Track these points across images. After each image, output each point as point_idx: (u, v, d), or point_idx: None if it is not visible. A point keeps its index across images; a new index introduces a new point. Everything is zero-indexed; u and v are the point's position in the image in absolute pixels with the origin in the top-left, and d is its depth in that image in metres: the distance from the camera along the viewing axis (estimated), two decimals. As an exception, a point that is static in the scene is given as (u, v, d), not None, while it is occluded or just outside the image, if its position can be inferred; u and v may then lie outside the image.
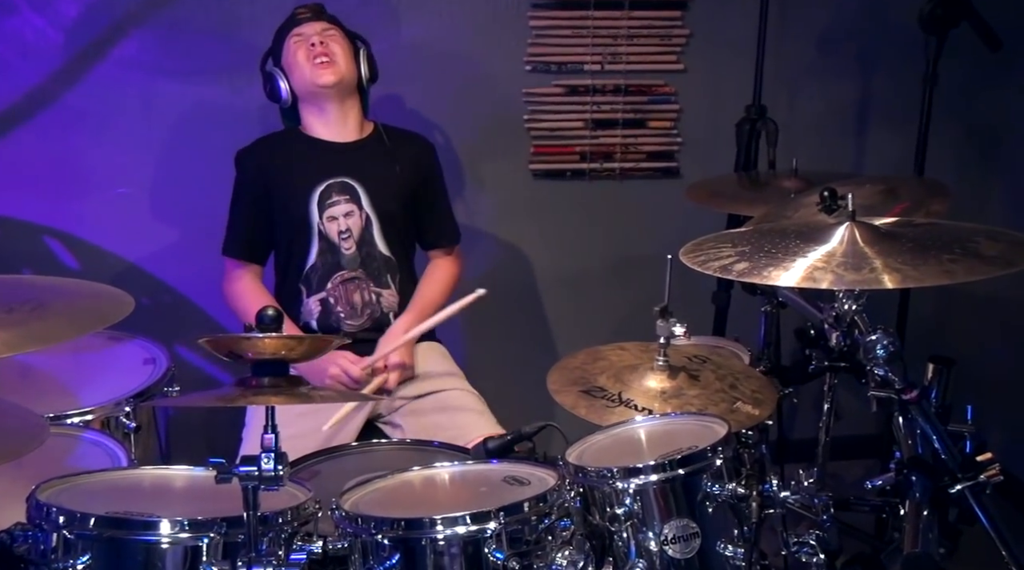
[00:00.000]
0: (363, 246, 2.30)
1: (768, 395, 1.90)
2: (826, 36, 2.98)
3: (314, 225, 2.28)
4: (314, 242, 2.29)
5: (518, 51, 2.85)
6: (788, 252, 1.66)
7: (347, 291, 2.30)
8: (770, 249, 1.68)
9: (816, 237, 1.71)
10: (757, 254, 1.67)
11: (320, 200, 2.28)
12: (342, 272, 2.30)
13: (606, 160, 2.96)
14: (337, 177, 2.29)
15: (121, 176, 2.73)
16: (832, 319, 1.94)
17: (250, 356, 1.35)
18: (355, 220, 2.29)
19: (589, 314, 3.05)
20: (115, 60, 2.65)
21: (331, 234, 2.28)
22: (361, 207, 2.30)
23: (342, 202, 2.29)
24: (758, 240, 1.74)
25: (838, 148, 3.06)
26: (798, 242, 1.69)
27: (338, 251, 2.29)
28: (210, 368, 2.84)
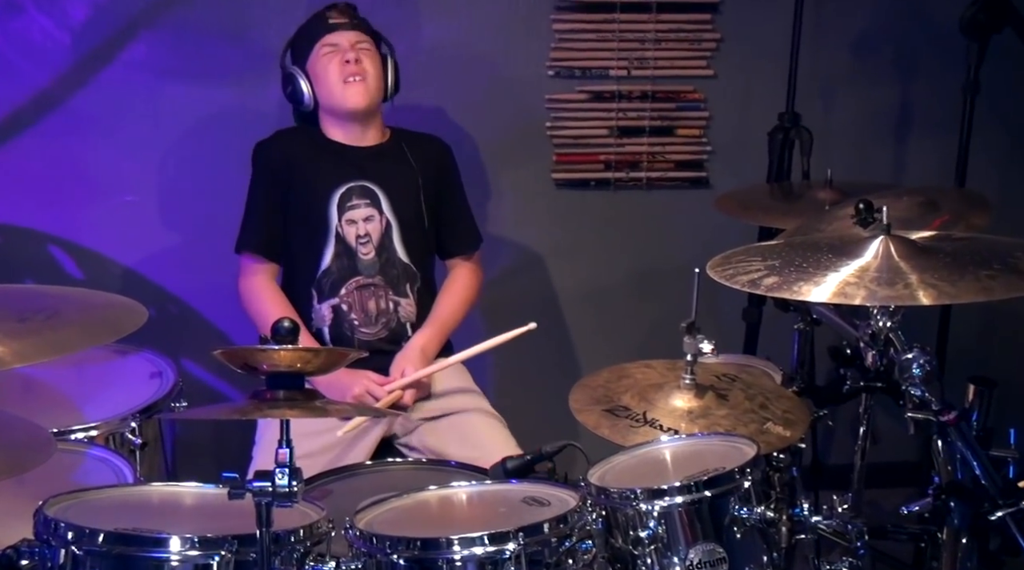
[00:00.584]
0: (382, 252, 2.34)
1: (800, 416, 1.92)
2: (863, 41, 3.00)
3: (332, 227, 2.31)
4: (330, 245, 2.32)
5: (540, 55, 2.88)
6: (820, 266, 1.68)
7: (362, 298, 2.32)
8: (801, 263, 1.70)
9: (849, 251, 1.73)
10: (787, 268, 1.69)
11: (340, 202, 2.32)
12: (358, 277, 2.33)
13: (632, 169, 2.99)
14: (358, 181, 2.33)
15: (128, 183, 2.78)
16: (867, 337, 1.95)
17: (265, 368, 1.38)
18: (375, 225, 2.33)
19: (613, 330, 3.07)
20: (123, 62, 2.70)
21: (349, 238, 2.32)
22: (382, 212, 2.33)
23: (362, 206, 2.33)
24: (789, 253, 1.77)
25: (875, 158, 3.07)
26: (830, 256, 1.72)
27: (355, 256, 2.32)
28: (218, 383, 2.89)
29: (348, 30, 2.31)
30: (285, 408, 1.37)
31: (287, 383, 1.39)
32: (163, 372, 2.26)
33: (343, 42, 2.30)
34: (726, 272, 1.72)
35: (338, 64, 2.28)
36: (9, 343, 1.40)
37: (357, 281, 2.33)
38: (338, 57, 2.29)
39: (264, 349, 1.37)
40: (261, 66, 2.71)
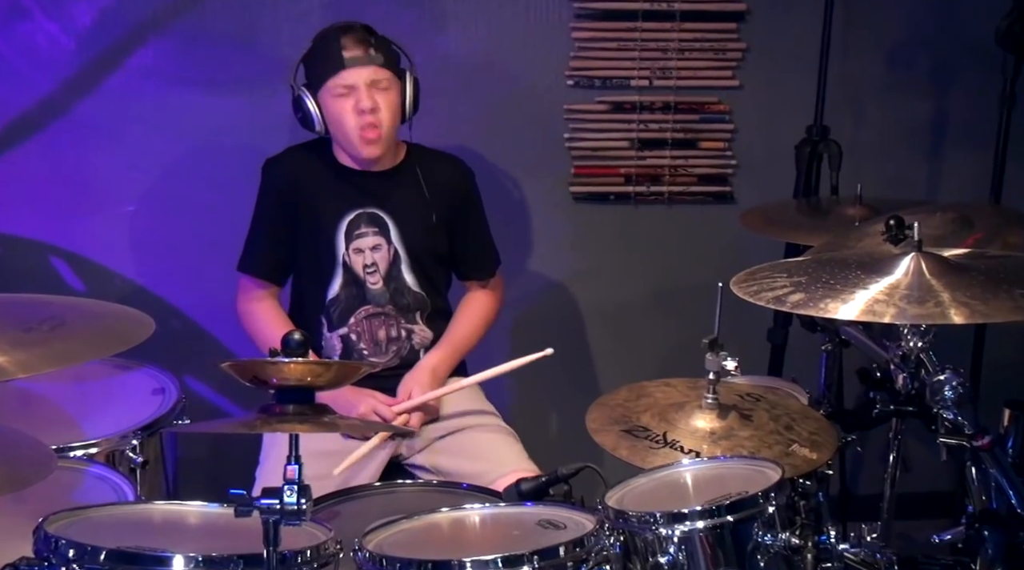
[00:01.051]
0: (391, 282, 2.34)
1: (828, 438, 1.92)
2: (895, 51, 3.01)
3: (339, 256, 2.31)
4: (337, 273, 2.32)
5: (559, 64, 2.89)
6: (848, 283, 1.69)
7: (371, 327, 2.34)
8: (828, 280, 1.71)
9: (879, 268, 1.74)
10: (814, 285, 1.70)
11: (348, 230, 2.31)
12: (367, 306, 2.34)
13: (653, 183, 3.00)
14: (366, 208, 2.32)
15: (132, 192, 2.81)
16: (898, 359, 1.97)
17: (274, 382, 1.40)
18: (382, 254, 2.33)
19: (632, 348, 3.08)
20: (130, 69, 2.74)
21: (356, 267, 2.32)
22: (390, 241, 2.33)
23: (370, 235, 2.32)
24: (816, 270, 1.78)
25: (907, 173, 3.07)
26: (859, 273, 1.73)
27: (363, 285, 2.32)
28: (222, 401, 2.91)
29: (363, 66, 2.21)
30: (295, 422, 1.39)
31: (297, 397, 1.41)
32: (165, 388, 2.29)
33: (358, 82, 2.21)
34: (750, 288, 1.73)
35: (352, 111, 2.22)
36: (14, 353, 1.42)
37: (367, 310, 2.34)
38: (352, 102, 2.21)
39: (274, 362, 1.39)
40: (271, 74, 2.73)
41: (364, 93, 2.21)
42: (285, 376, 1.40)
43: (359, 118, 2.22)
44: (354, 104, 2.22)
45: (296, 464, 1.39)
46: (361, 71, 2.22)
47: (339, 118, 2.24)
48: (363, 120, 2.22)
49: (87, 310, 1.67)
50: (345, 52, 2.22)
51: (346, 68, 2.21)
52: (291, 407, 1.41)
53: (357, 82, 2.21)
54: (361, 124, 2.22)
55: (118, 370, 2.34)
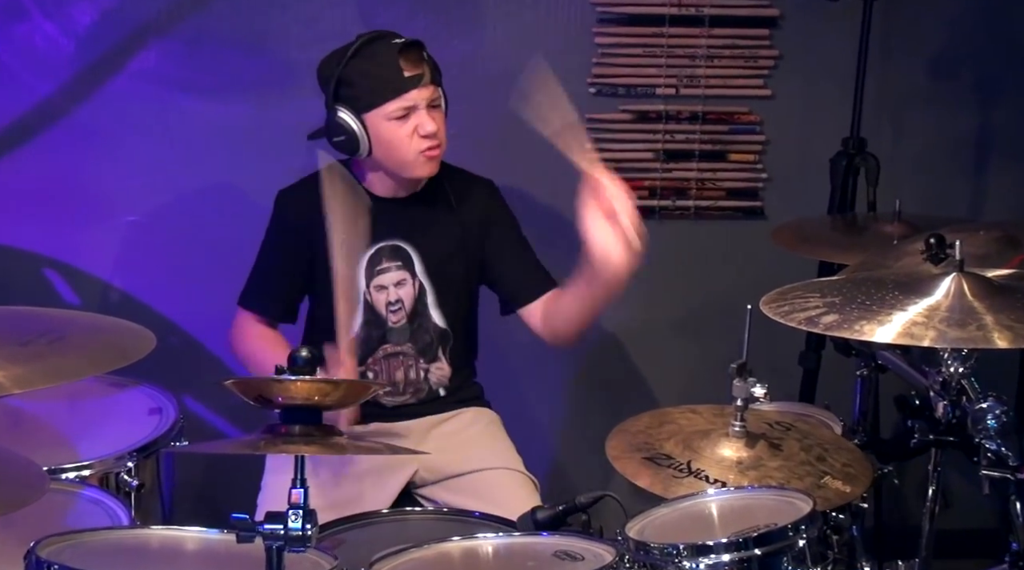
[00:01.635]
0: (415, 319, 2.31)
1: (862, 470, 1.92)
2: (938, 59, 3.01)
3: (359, 294, 2.28)
4: (357, 313, 2.28)
5: (581, 71, 2.90)
6: (885, 304, 1.69)
7: (390, 367, 2.32)
8: (864, 300, 1.71)
9: (918, 289, 1.74)
10: (849, 305, 1.70)
11: (369, 266, 2.28)
12: (385, 346, 2.32)
13: (679, 197, 3.01)
14: (389, 240, 2.28)
15: (132, 202, 2.82)
16: (938, 385, 1.96)
17: (280, 400, 1.42)
18: (407, 290, 2.29)
19: (656, 372, 3.08)
20: (132, 73, 2.75)
21: (378, 305, 2.29)
22: (415, 275, 2.30)
23: (393, 269, 2.29)
24: (851, 290, 1.78)
25: (949, 189, 3.07)
26: (897, 294, 1.73)
27: (384, 324, 2.29)
28: (222, 422, 2.92)
29: (424, 86, 2.18)
30: (301, 444, 1.40)
31: (303, 417, 1.42)
32: (163, 408, 2.29)
33: (419, 103, 2.18)
34: (781, 308, 1.74)
35: (411, 134, 2.18)
36: (10, 368, 1.43)
37: (385, 350, 2.32)
38: (412, 125, 2.18)
39: (280, 380, 1.40)
40: (281, 79, 2.77)
41: (426, 115, 2.18)
42: (291, 395, 1.41)
43: (421, 142, 2.18)
44: (414, 127, 2.18)
45: (302, 488, 1.40)
46: (423, 92, 2.18)
47: (394, 141, 2.19)
48: (426, 144, 2.18)
49: (86, 324, 1.68)
50: (406, 72, 2.17)
51: (408, 90, 2.17)
52: (297, 427, 1.42)
53: (418, 102, 2.18)
54: (422, 148, 2.19)
55: (113, 388, 2.35)
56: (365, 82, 2.19)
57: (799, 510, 1.67)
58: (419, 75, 2.19)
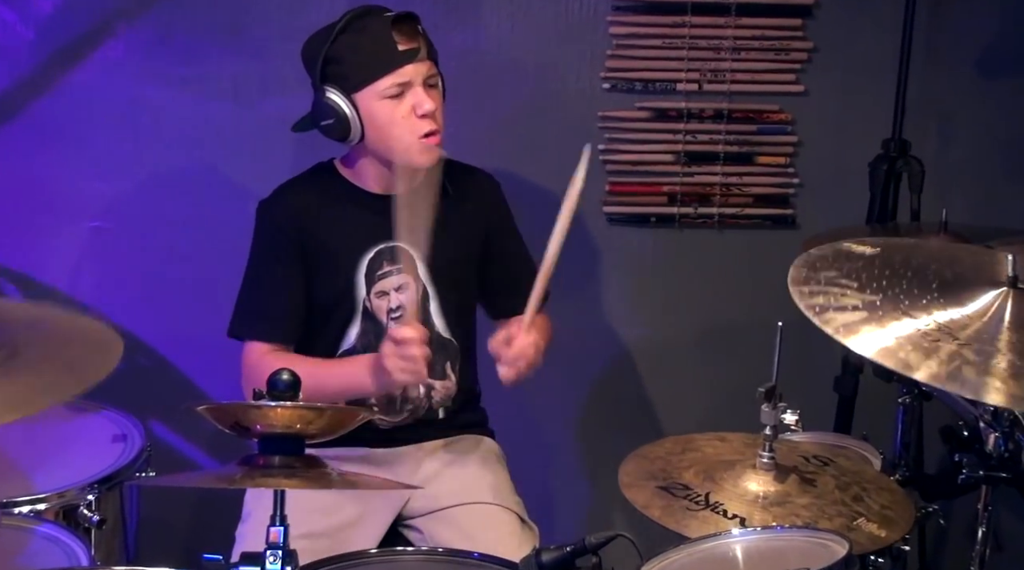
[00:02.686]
0: None
1: (902, 514, 1.91)
2: (988, 55, 3.01)
3: (359, 301, 2.28)
4: (356, 322, 2.29)
5: (594, 64, 2.91)
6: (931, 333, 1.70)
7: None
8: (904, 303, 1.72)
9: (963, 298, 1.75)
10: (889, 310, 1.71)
11: (369, 270, 2.28)
12: None
13: (702, 204, 3.01)
14: (389, 241, 2.28)
15: (97, 206, 2.82)
16: (989, 415, 1.96)
17: (259, 429, 1.41)
18: (409, 295, 2.29)
19: (676, 395, 3.08)
20: (98, 64, 2.75)
21: (378, 313, 2.29)
22: (417, 277, 2.30)
23: (394, 273, 2.29)
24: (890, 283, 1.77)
25: (1000, 198, 3.07)
26: (940, 299, 1.74)
27: (384, 333, 2.28)
28: (193, 451, 2.92)
29: (420, 61, 2.19)
30: (281, 477, 1.39)
31: (284, 447, 1.41)
32: (128, 435, 2.30)
33: (415, 79, 2.19)
34: (814, 299, 1.73)
35: (408, 115, 2.19)
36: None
37: None
38: (407, 104, 2.18)
39: (258, 406, 1.40)
40: (260, 70, 2.77)
41: (422, 93, 2.19)
42: (271, 422, 1.40)
43: (417, 123, 2.19)
44: (411, 106, 2.18)
45: (281, 526, 1.39)
46: (419, 67, 2.19)
47: (388, 122, 2.20)
48: (423, 126, 2.19)
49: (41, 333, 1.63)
50: (400, 45, 2.18)
51: (402, 65, 2.18)
52: (277, 459, 1.41)
53: (413, 79, 2.19)
54: (419, 130, 2.19)
55: (73, 413, 2.35)
56: (355, 58, 2.20)
57: (833, 553, 1.65)
58: (415, 49, 2.19)
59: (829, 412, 2.86)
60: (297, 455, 1.43)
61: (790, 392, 1.92)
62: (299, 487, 1.41)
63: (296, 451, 1.43)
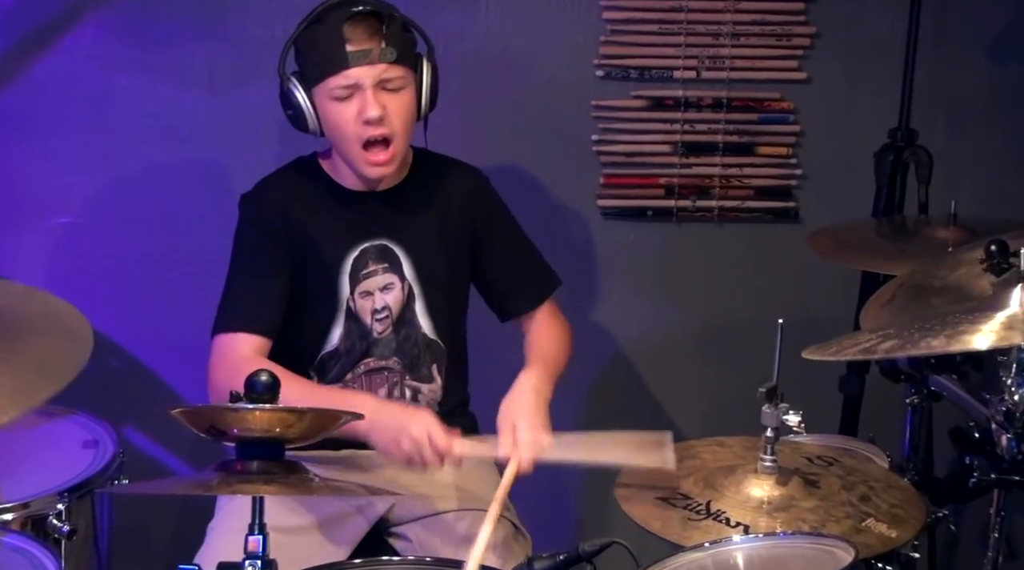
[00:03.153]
0: (402, 328, 2.31)
1: (913, 512, 1.91)
2: (1001, 37, 3.01)
3: (343, 302, 2.29)
4: (339, 323, 2.29)
5: (587, 51, 2.91)
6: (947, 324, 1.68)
7: (372, 384, 2.32)
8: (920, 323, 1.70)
9: (978, 304, 1.74)
10: (906, 331, 1.69)
11: (354, 270, 2.29)
12: (368, 360, 2.32)
13: (701, 196, 3.01)
14: (375, 239, 2.29)
15: (66, 202, 2.82)
16: (1001, 416, 1.95)
17: (236, 432, 1.40)
18: (395, 294, 2.30)
19: (674, 397, 3.08)
20: (65, 52, 2.74)
21: (363, 314, 2.30)
22: (403, 277, 2.31)
23: (380, 272, 2.30)
24: (901, 312, 1.80)
25: (1012, 189, 3.07)
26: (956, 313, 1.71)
27: (368, 334, 2.29)
28: (168, 457, 2.91)
29: (371, 63, 2.16)
30: (260, 483, 1.39)
31: (263, 452, 1.41)
32: (99, 441, 2.28)
33: (364, 81, 2.17)
34: (829, 350, 1.72)
35: (355, 119, 2.18)
36: None
37: (367, 364, 2.32)
38: (355, 108, 2.18)
39: (235, 408, 1.39)
40: (237, 59, 2.77)
41: (371, 99, 2.17)
42: (249, 426, 1.40)
43: (362, 128, 2.19)
44: (357, 111, 2.19)
45: (260, 534, 1.38)
46: (368, 71, 2.17)
47: (336, 123, 2.21)
48: (367, 131, 2.19)
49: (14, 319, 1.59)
50: (349, 45, 2.16)
51: (349, 67, 2.17)
52: (255, 464, 1.40)
53: (362, 81, 2.18)
54: (364, 135, 2.19)
55: (42, 417, 2.34)
56: (311, 53, 2.22)
57: (839, 561, 1.66)
58: (366, 50, 2.18)
59: (834, 414, 2.87)
60: (276, 460, 1.42)
61: (793, 393, 1.92)
62: (278, 493, 1.40)
63: (275, 456, 1.42)
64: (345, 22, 2.17)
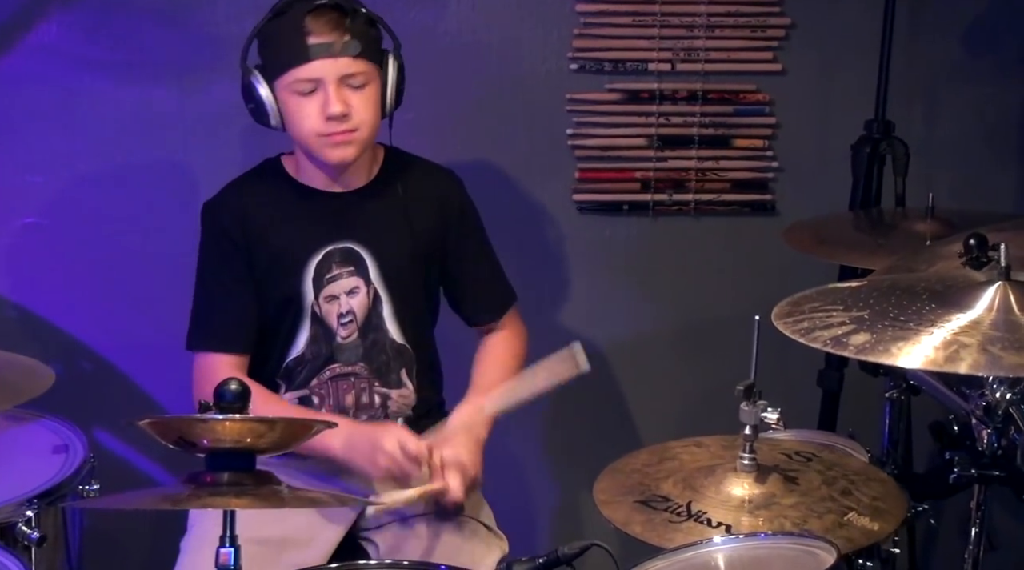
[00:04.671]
0: (368, 333, 2.30)
1: (894, 504, 1.91)
2: (976, 29, 3.02)
3: (307, 307, 2.27)
4: (304, 328, 2.28)
5: (560, 44, 2.90)
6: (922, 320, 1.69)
7: (338, 390, 2.30)
8: (896, 314, 1.71)
9: (956, 300, 1.73)
10: (879, 322, 1.70)
11: (317, 273, 2.27)
12: (334, 366, 2.30)
13: (677, 190, 3.00)
14: (340, 242, 2.27)
15: (30, 201, 2.79)
16: (981, 411, 1.96)
17: (206, 444, 1.39)
18: (360, 299, 2.29)
19: (652, 396, 3.07)
20: (29, 50, 2.72)
21: (328, 318, 2.28)
22: (368, 281, 2.29)
23: (344, 276, 2.28)
24: (878, 301, 1.76)
25: (991, 180, 3.08)
26: (933, 307, 1.72)
27: (333, 339, 2.28)
28: (142, 461, 2.89)
29: (334, 57, 2.15)
30: (230, 496, 1.38)
31: (234, 463, 1.39)
32: (70, 445, 2.26)
33: (326, 77, 2.15)
34: (799, 325, 1.72)
35: (317, 114, 2.17)
36: None
37: (332, 370, 2.31)
38: (317, 103, 2.17)
39: (204, 419, 1.38)
40: (208, 55, 2.74)
41: (333, 94, 2.16)
42: (219, 436, 1.38)
43: (324, 124, 2.17)
44: (319, 107, 2.17)
45: (232, 547, 1.37)
46: (330, 64, 2.16)
47: (298, 117, 2.19)
48: (329, 127, 2.17)
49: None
50: (310, 38, 2.15)
51: (310, 60, 2.15)
52: (226, 476, 1.39)
53: (324, 76, 2.16)
54: (326, 130, 2.18)
55: (9, 422, 2.32)
56: (273, 45, 2.21)
57: (821, 562, 1.65)
58: (327, 43, 2.16)
59: (813, 409, 2.87)
60: (248, 471, 1.41)
61: (772, 388, 1.91)
62: (249, 506, 1.39)
63: (246, 467, 1.41)
64: (307, 14, 2.16)
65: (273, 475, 1.46)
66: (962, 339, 1.65)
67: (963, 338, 1.65)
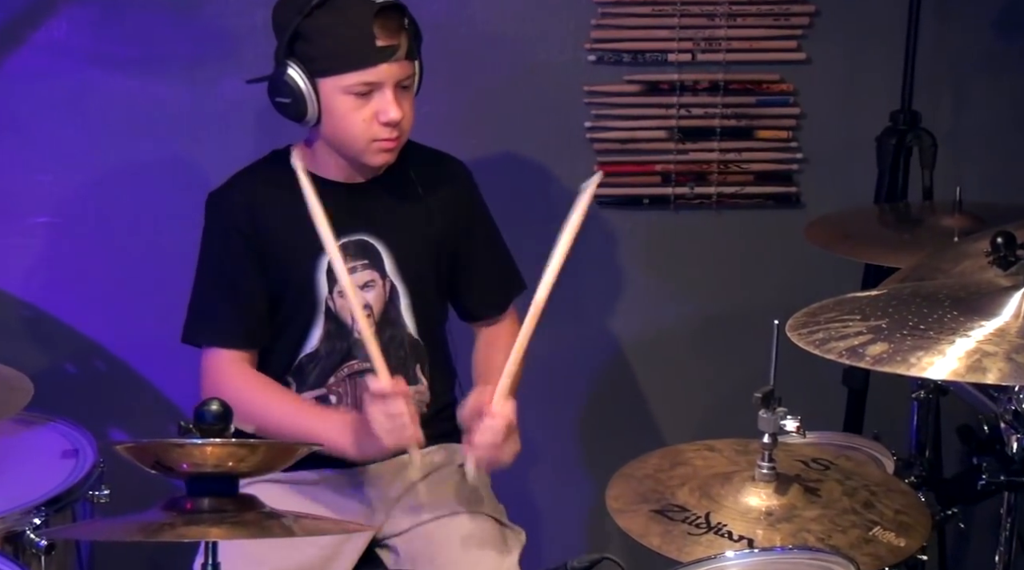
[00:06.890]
0: (385, 328, 2.26)
1: (919, 518, 1.88)
2: (1006, 16, 2.99)
3: (321, 300, 2.25)
4: (318, 323, 2.25)
5: (579, 35, 2.88)
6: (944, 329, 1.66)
7: (356, 388, 2.26)
8: (916, 323, 1.68)
9: (980, 306, 1.70)
10: (899, 331, 1.66)
11: (331, 267, 2.22)
12: (351, 362, 2.27)
13: (698, 182, 2.98)
14: (355, 234, 2.25)
15: (43, 200, 2.79)
16: (1010, 415, 1.94)
17: (185, 468, 1.35)
18: (376, 292, 2.27)
19: (669, 396, 3.06)
20: (39, 46, 2.72)
21: (343, 313, 2.26)
22: (384, 275, 2.27)
23: (359, 269, 2.25)
24: (898, 309, 1.74)
25: (1020, 172, 3.04)
26: (955, 314, 1.69)
27: (349, 335, 2.26)
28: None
29: (397, 62, 2.13)
30: (209, 525, 1.34)
31: (214, 488, 1.35)
32: (80, 450, 2.25)
33: (386, 81, 2.13)
34: (814, 336, 1.69)
35: (370, 119, 2.14)
36: None
37: (350, 367, 2.27)
38: (372, 107, 2.14)
39: (181, 444, 1.34)
40: (218, 51, 2.74)
41: (391, 99, 2.14)
42: (198, 461, 1.34)
43: (378, 128, 2.15)
44: (373, 110, 2.14)
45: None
46: (395, 69, 2.14)
47: (347, 121, 2.15)
48: (383, 133, 2.15)
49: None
50: (379, 40, 2.11)
51: (377, 64, 2.12)
52: (206, 502, 1.35)
53: (385, 80, 2.13)
54: (380, 135, 2.16)
55: (19, 426, 2.30)
56: (326, 42, 2.15)
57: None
58: (393, 47, 2.14)
59: (838, 407, 2.84)
60: (230, 497, 1.37)
61: (795, 385, 1.89)
62: (228, 537, 1.35)
63: (228, 492, 1.37)
64: (376, 16, 2.11)
65: (257, 499, 1.42)
66: (986, 348, 1.62)
67: (987, 347, 1.62)
